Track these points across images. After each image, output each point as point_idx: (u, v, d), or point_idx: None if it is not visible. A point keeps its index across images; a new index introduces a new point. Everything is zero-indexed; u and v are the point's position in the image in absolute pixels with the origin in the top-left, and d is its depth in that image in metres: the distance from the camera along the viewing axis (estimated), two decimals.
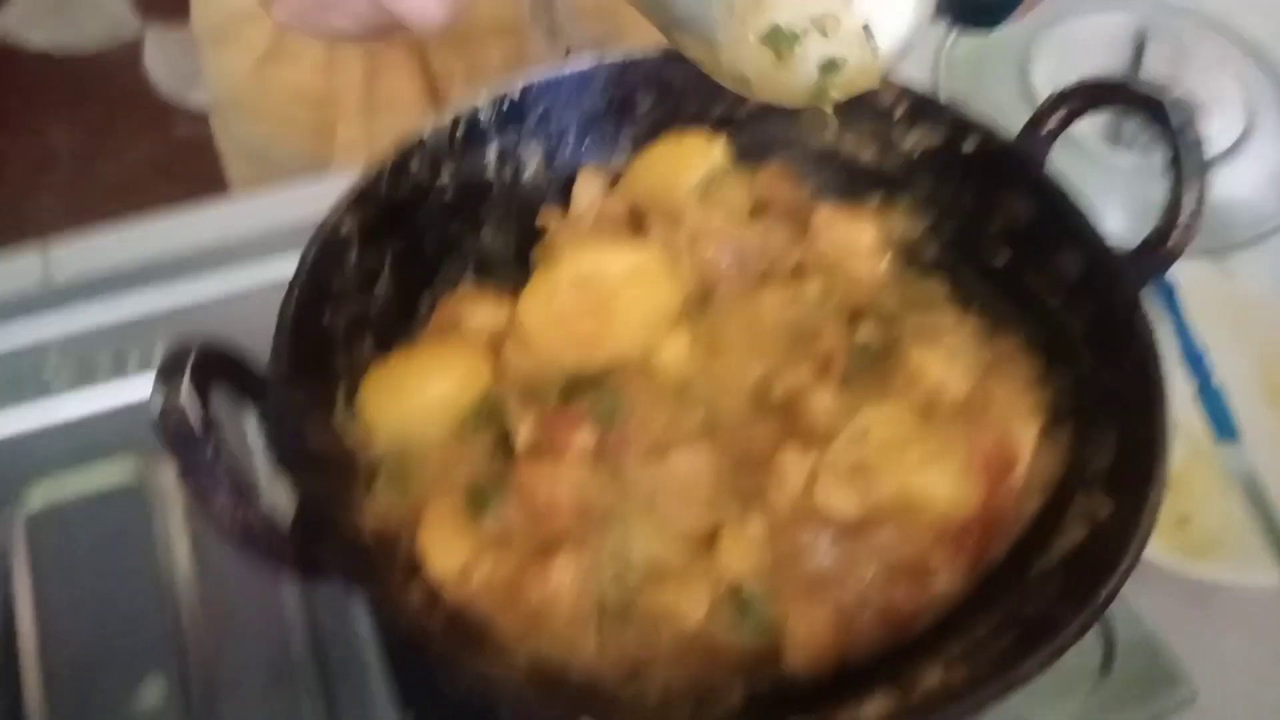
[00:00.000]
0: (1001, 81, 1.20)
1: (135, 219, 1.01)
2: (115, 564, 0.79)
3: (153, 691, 0.74)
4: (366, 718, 0.73)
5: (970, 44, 1.26)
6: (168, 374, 0.53)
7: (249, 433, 0.83)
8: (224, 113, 1.22)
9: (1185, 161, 0.65)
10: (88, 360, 0.90)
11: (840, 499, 0.65)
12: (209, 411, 0.53)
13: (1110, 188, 0.70)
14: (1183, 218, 0.66)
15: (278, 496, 0.61)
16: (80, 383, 0.89)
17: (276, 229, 0.97)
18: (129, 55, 2.82)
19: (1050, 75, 1.21)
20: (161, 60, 2.81)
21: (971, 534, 0.67)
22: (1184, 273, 0.98)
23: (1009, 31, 1.32)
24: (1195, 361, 0.96)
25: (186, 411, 0.52)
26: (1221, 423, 0.93)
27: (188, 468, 0.52)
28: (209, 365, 0.56)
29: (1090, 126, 1.17)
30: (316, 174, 1.16)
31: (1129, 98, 0.68)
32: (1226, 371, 0.93)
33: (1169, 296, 1.00)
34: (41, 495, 0.83)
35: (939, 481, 0.66)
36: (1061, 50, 1.22)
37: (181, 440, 0.52)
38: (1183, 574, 0.82)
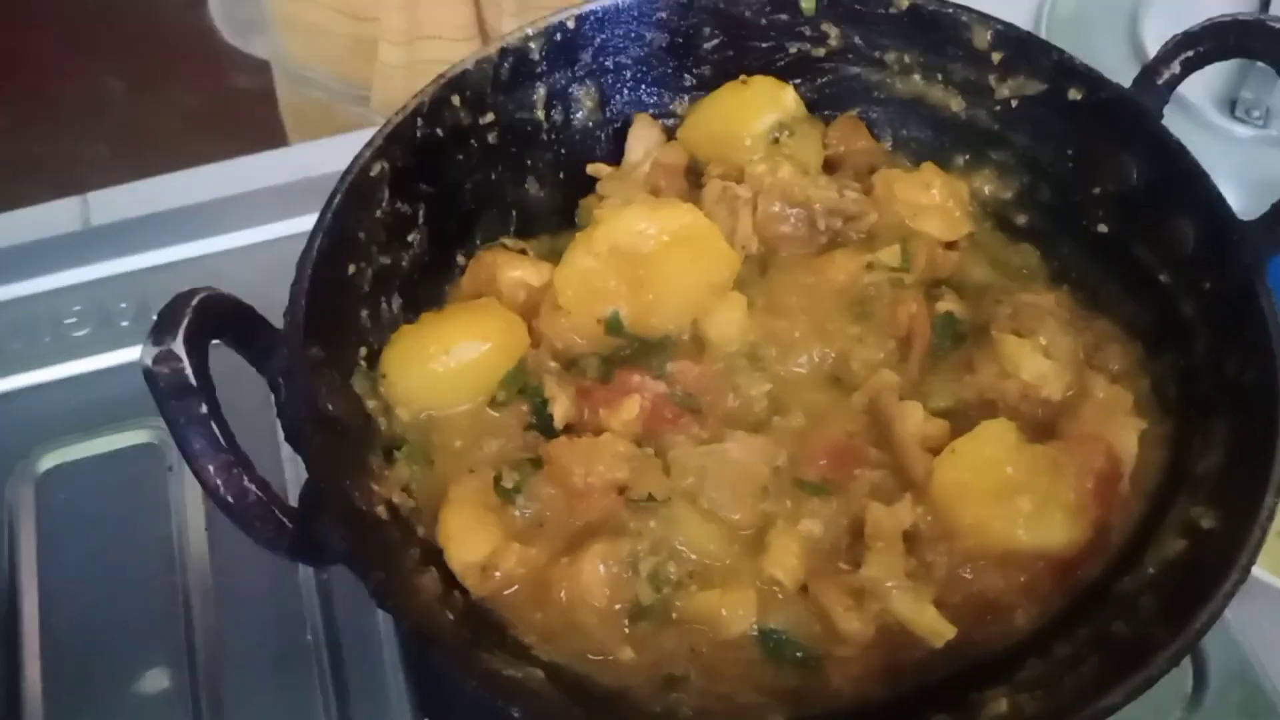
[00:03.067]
0: (1109, 39, 1.10)
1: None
2: (126, 529, 0.75)
3: (156, 675, 0.69)
4: (381, 711, 0.68)
5: (1074, 2, 1.16)
6: (165, 323, 0.48)
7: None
8: (273, 30, 1.16)
9: None
10: (110, 309, 0.84)
11: (937, 557, 0.58)
12: (206, 364, 0.47)
13: (1223, 161, 0.61)
14: None
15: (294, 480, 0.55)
16: (103, 331, 0.83)
17: (321, 180, 0.91)
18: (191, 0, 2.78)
19: (1162, 33, 1.09)
20: (225, 4, 2.77)
21: (1074, 565, 0.59)
22: None
23: None
24: None
25: (183, 362, 0.46)
26: None
27: (179, 424, 0.46)
28: (212, 317, 0.50)
29: (1204, 92, 1.06)
30: (356, 101, 1.09)
31: (1266, 38, 0.58)
32: None
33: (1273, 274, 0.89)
34: (56, 451, 0.78)
35: (1054, 531, 0.58)
36: (1176, 5, 1.11)
37: (173, 393, 0.46)
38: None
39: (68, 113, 2.55)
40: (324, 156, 0.92)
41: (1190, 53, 0.64)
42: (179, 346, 0.46)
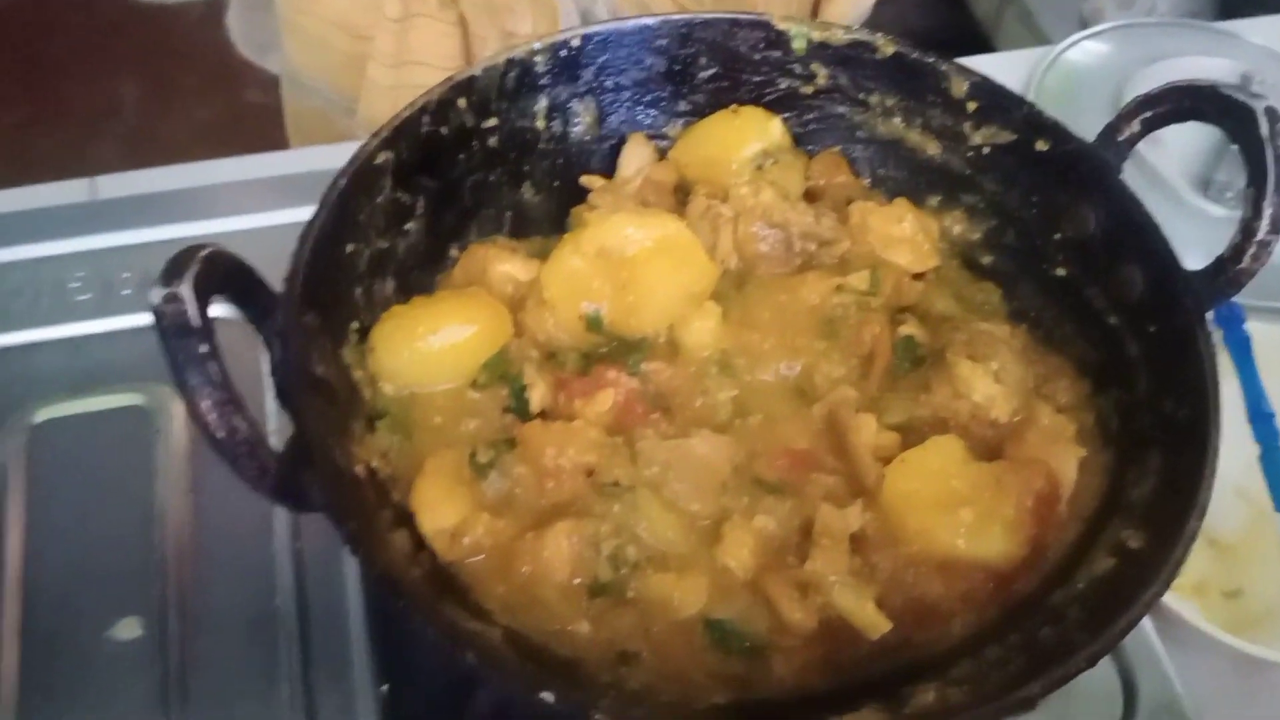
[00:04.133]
0: (1094, 114, 1.16)
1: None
2: (112, 486, 0.77)
3: (129, 624, 0.71)
4: (342, 677, 0.71)
5: (1064, 73, 1.23)
6: (174, 269, 0.51)
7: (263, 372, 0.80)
8: (280, 36, 1.21)
9: (1269, 174, 0.60)
10: (113, 277, 0.87)
11: (881, 560, 0.62)
12: (208, 317, 0.50)
13: (1196, 236, 0.66)
14: (1261, 234, 0.61)
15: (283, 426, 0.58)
16: (104, 298, 0.86)
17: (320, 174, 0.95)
18: (212, 13, 2.84)
19: None
20: (245, 22, 2.83)
21: (1011, 578, 0.62)
22: (1263, 329, 0.93)
23: (1106, 65, 1.30)
24: (1263, 421, 0.90)
25: (188, 304, 0.49)
26: None
27: (179, 361, 0.49)
28: (218, 269, 0.53)
29: (1182, 173, 1.13)
30: (347, 113, 1.14)
31: (1217, 103, 0.63)
32: None
33: (1243, 348, 0.93)
34: (50, 407, 0.81)
35: (992, 543, 0.61)
36: (1159, 82, 1.18)
37: (176, 332, 0.49)
38: (1231, 648, 0.76)
39: (79, 114, 2.59)
40: (325, 158, 0.96)
41: (1149, 113, 0.68)
42: (186, 290, 0.49)
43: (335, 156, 0.68)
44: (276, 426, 0.76)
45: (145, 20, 2.80)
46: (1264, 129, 0.61)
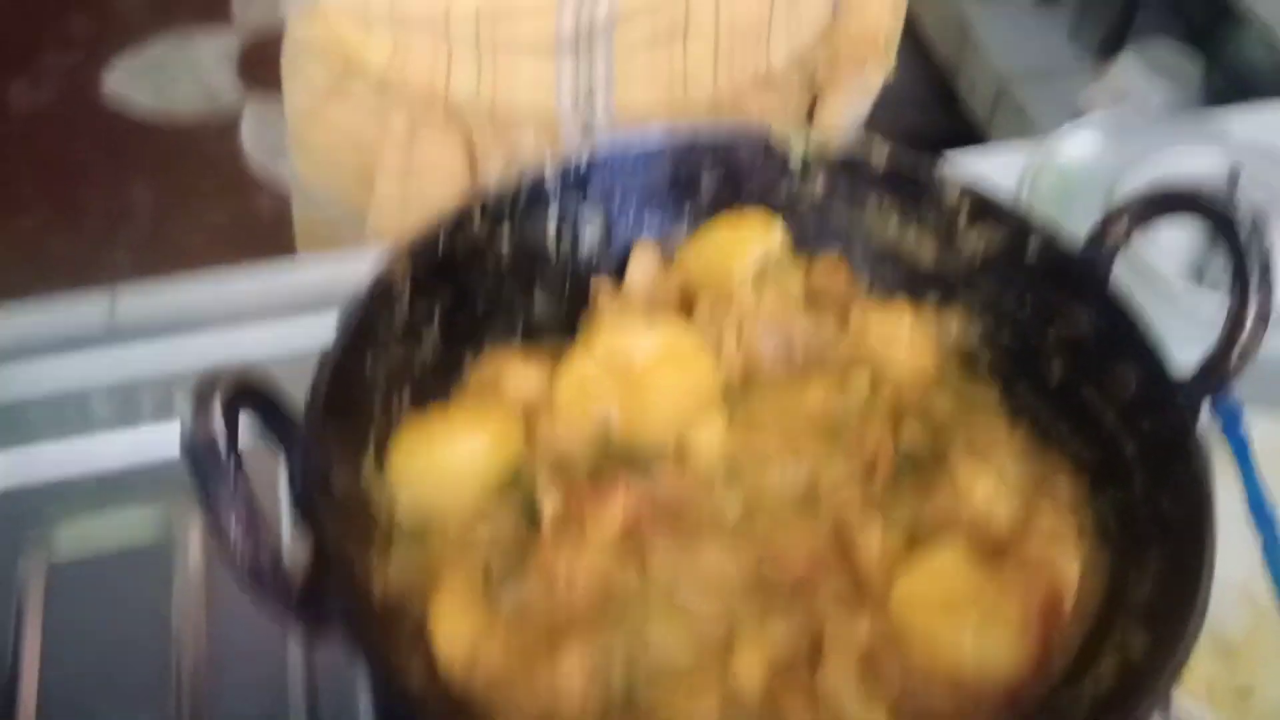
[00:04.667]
0: (1087, 212, 1.18)
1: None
2: (129, 598, 0.79)
3: None
4: None
5: (1058, 165, 1.26)
6: (200, 398, 0.53)
7: (280, 485, 0.81)
8: (290, 149, 1.25)
9: (1250, 275, 0.62)
10: (133, 401, 0.89)
11: (890, 668, 0.62)
12: (236, 440, 0.52)
13: (1192, 330, 0.68)
14: (1244, 336, 0.63)
15: (298, 553, 0.59)
16: (123, 426, 0.88)
17: (334, 291, 0.98)
18: (226, 124, 2.92)
19: None
20: (258, 132, 2.91)
21: (1018, 683, 0.62)
22: (1262, 427, 0.94)
23: (1099, 157, 1.33)
24: (1263, 518, 0.91)
25: (217, 426, 0.51)
26: None
27: (208, 494, 0.51)
28: (241, 394, 0.55)
29: (1176, 262, 1.15)
30: (356, 225, 1.17)
31: (1197, 206, 0.66)
32: None
33: (1242, 447, 0.95)
34: (70, 521, 0.82)
35: (999, 647, 0.61)
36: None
37: (207, 465, 0.51)
38: None
39: (96, 218, 2.66)
40: (340, 267, 0.99)
41: (1135, 214, 0.71)
42: (215, 411, 0.51)
43: (350, 265, 0.70)
44: (288, 547, 0.77)
45: (161, 129, 2.89)
46: (1243, 232, 0.64)
